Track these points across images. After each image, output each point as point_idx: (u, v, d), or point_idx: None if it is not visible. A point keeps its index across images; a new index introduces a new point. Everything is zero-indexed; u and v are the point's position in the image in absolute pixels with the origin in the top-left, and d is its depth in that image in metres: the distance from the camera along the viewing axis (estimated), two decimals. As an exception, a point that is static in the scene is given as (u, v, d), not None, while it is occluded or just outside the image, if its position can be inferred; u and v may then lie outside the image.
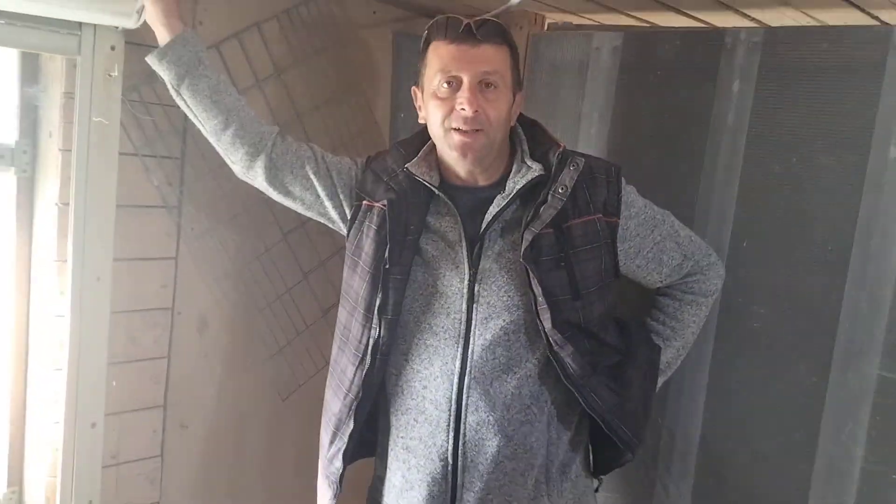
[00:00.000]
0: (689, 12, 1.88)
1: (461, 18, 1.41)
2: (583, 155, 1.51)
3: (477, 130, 1.40)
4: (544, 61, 2.01)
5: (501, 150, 1.49)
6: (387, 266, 1.45)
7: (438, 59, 1.42)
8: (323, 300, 2.06)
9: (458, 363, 1.44)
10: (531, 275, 1.40)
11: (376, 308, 1.46)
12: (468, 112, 1.38)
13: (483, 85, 1.40)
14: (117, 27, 1.53)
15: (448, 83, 1.41)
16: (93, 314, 1.61)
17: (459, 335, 1.44)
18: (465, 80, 1.39)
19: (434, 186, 1.47)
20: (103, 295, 1.62)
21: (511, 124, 1.50)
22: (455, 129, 1.41)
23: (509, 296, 1.44)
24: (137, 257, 1.69)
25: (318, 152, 1.58)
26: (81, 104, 1.53)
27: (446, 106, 1.41)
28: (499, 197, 1.46)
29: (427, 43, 1.46)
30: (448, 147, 1.44)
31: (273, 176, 1.54)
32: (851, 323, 1.58)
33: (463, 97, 1.38)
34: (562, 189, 1.42)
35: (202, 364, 1.85)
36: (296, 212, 1.62)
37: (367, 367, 1.48)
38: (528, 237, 1.40)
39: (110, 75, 1.55)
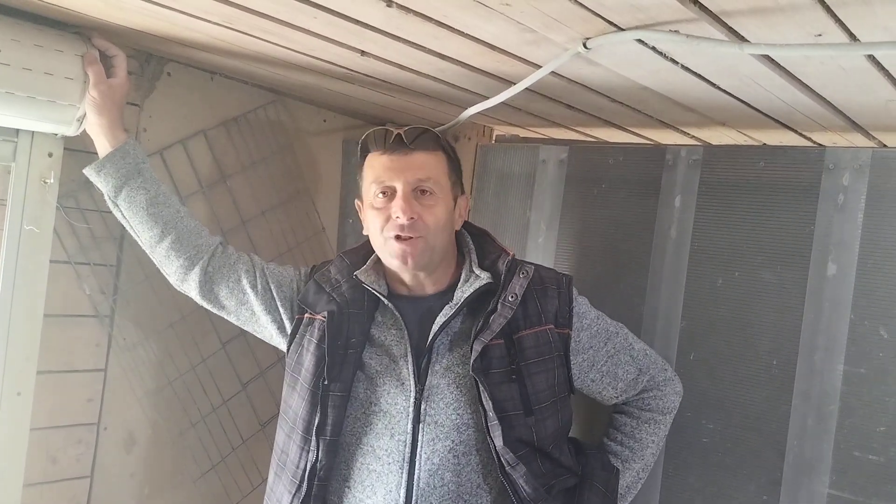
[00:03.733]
0: (631, 129, 1.93)
1: (393, 129, 1.42)
2: (532, 264, 1.50)
3: (416, 237, 1.39)
4: (492, 171, 2.03)
5: (448, 257, 1.47)
6: (325, 382, 1.39)
7: (373, 170, 1.42)
8: (262, 412, 1.98)
9: (402, 491, 1.35)
10: (481, 388, 1.36)
11: (314, 429, 1.39)
12: (403, 220, 1.37)
13: (418, 192, 1.40)
14: (56, 134, 1.50)
15: (384, 193, 1.41)
16: (10, 432, 1.50)
17: (404, 459, 1.37)
18: (399, 188, 1.39)
19: (382, 295, 1.44)
20: (23, 411, 1.52)
21: (456, 228, 1.49)
22: (394, 236, 1.39)
23: (458, 413, 1.38)
24: (63, 370, 1.60)
25: (259, 265, 1.54)
26: (13, 212, 1.48)
27: (383, 215, 1.40)
28: (446, 307, 1.42)
29: (363, 155, 1.47)
30: (389, 255, 1.42)
31: (208, 290, 1.51)
32: (799, 440, 1.56)
33: (397, 205, 1.38)
34: (512, 297, 1.40)
35: (128, 484, 1.74)
36: (237, 319, 1.58)
37: (303, 494, 1.38)
38: (477, 347, 1.36)
39: (46, 182, 1.51)
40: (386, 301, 1.44)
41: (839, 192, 1.55)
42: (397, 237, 1.39)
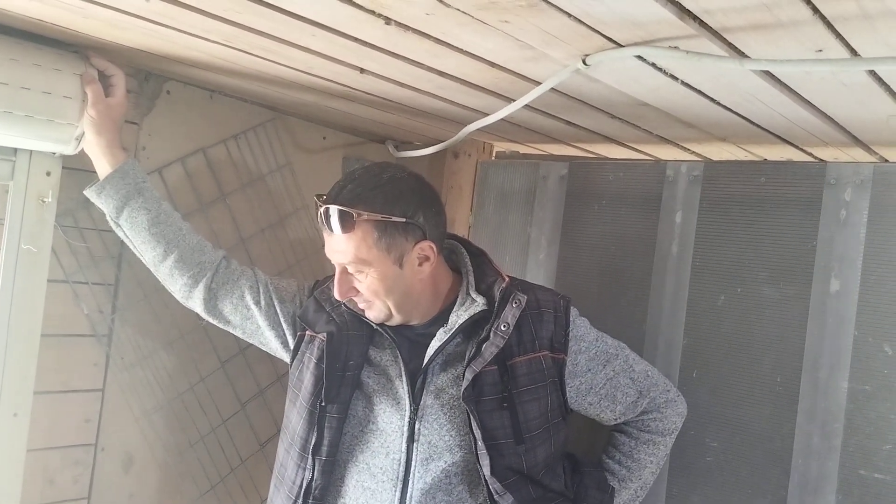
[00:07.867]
0: (631, 145, 1.93)
1: (320, 203, 1.37)
2: (531, 287, 1.49)
3: (363, 303, 1.41)
4: (493, 188, 2.03)
5: (436, 290, 1.44)
6: (322, 404, 1.39)
7: None
8: (261, 432, 1.96)
9: (395, 510, 1.35)
10: (471, 416, 1.35)
11: (311, 448, 1.39)
12: (338, 297, 1.40)
13: (346, 270, 1.39)
14: (54, 153, 1.50)
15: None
16: (7, 454, 1.49)
17: (398, 477, 1.36)
18: (335, 265, 1.40)
19: (373, 322, 1.43)
20: (20, 432, 1.50)
21: (423, 276, 1.40)
22: None
23: (451, 435, 1.37)
24: (60, 390, 1.59)
25: (263, 280, 1.54)
26: (10, 231, 1.47)
27: None
28: (441, 331, 1.41)
29: None
30: None
31: (212, 306, 1.50)
32: (805, 458, 1.54)
33: (334, 281, 1.39)
34: (504, 326, 1.37)
35: (126, 505, 1.72)
36: (235, 337, 1.57)
37: (299, 512, 1.38)
38: (469, 376, 1.35)
39: (43, 201, 1.50)
40: (377, 327, 1.43)
41: (841, 208, 1.54)
42: None
